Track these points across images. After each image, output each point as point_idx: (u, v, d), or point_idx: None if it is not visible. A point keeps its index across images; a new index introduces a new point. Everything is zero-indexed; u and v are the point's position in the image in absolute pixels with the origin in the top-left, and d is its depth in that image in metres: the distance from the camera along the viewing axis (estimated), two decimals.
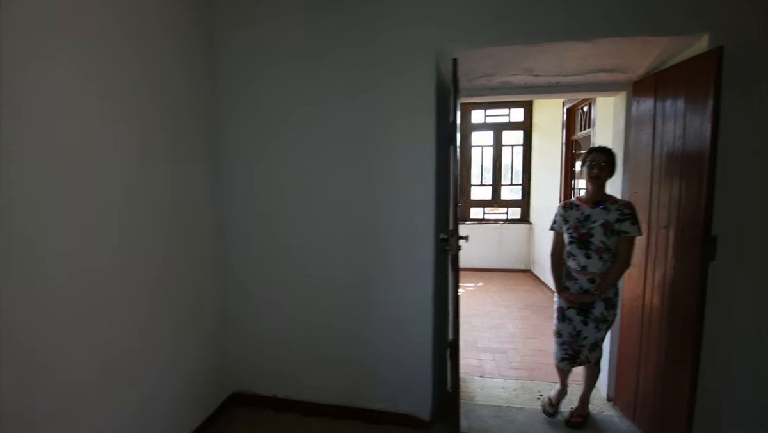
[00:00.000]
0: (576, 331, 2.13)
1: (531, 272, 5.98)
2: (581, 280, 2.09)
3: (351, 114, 2.11)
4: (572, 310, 2.12)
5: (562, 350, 2.20)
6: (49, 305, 1.32)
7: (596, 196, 2.06)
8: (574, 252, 2.09)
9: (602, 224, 2.01)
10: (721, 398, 1.95)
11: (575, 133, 4.44)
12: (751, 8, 1.77)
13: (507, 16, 1.92)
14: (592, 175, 2.02)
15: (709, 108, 1.72)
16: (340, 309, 2.25)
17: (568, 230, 2.11)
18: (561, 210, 2.17)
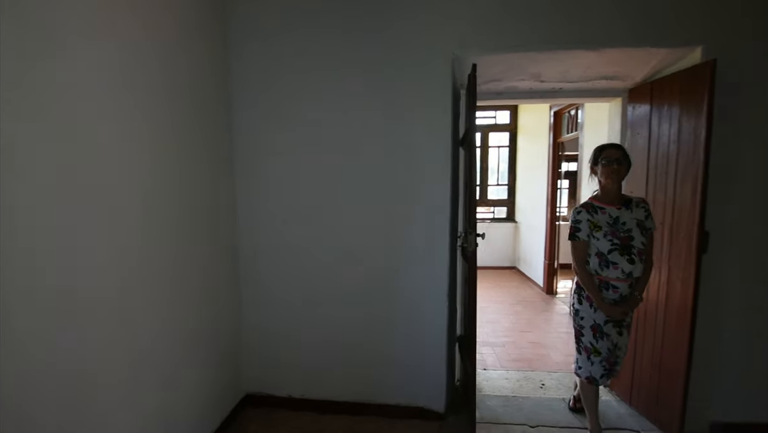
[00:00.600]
0: (613, 344, 1.95)
1: (516, 268, 6.20)
2: (623, 287, 1.90)
3: (372, 116, 2.16)
4: (610, 324, 1.93)
5: (601, 367, 1.97)
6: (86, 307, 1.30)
7: (618, 194, 1.93)
8: (615, 260, 1.86)
9: (637, 224, 1.88)
10: (710, 383, 2.13)
11: (562, 135, 4.65)
12: (740, 24, 1.96)
13: (524, 23, 2.04)
14: (613, 171, 1.87)
15: (704, 114, 1.89)
16: (357, 307, 2.29)
17: (605, 237, 1.87)
18: (586, 215, 1.91)
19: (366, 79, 2.14)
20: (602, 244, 1.88)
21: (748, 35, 1.96)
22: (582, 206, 1.96)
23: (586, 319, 1.98)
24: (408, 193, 2.19)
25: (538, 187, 5.18)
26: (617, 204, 1.91)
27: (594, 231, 1.89)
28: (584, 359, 2.01)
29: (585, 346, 2.00)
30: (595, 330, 1.96)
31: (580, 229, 1.92)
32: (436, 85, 2.11)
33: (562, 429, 2.24)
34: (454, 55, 2.08)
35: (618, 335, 1.95)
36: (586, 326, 1.98)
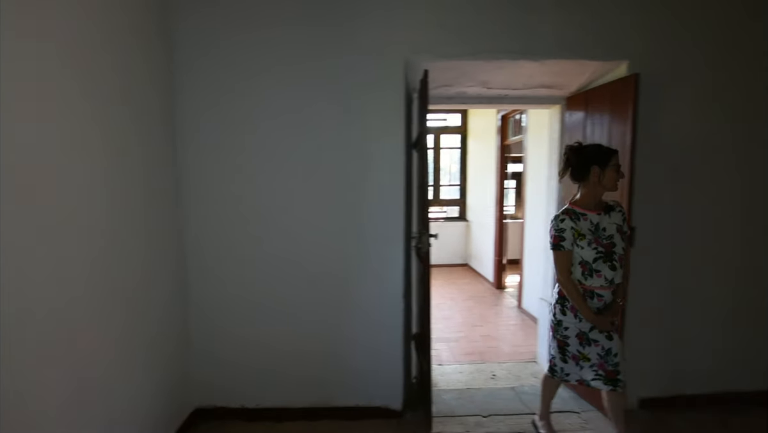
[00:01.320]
0: (605, 350, 1.86)
1: (468, 265, 6.45)
2: (606, 295, 1.85)
3: (326, 118, 2.15)
4: (595, 330, 1.85)
5: (592, 371, 1.89)
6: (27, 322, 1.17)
7: (601, 200, 1.86)
8: (599, 268, 1.79)
9: (616, 229, 1.83)
10: (638, 363, 2.36)
11: (508, 138, 4.91)
12: (658, 43, 2.21)
13: (474, 34, 2.13)
14: (619, 178, 1.82)
15: (629, 121, 2.10)
16: (311, 310, 2.26)
17: (589, 245, 1.79)
18: (569, 222, 1.81)
19: (321, 82, 2.13)
20: (587, 253, 1.79)
21: (667, 52, 2.21)
22: (564, 213, 1.84)
23: (570, 329, 1.89)
24: (362, 195, 2.20)
25: (488, 188, 5.42)
26: (598, 210, 1.84)
27: (578, 240, 1.80)
28: (573, 366, 1.94)
29: (572, 354, 1.91)
30: (581, 338, 1.88)
31: (565, 238, 1.81)
32: (390, 90, 2.15)
33: (513, 416, 2.38)
34: (407, 61, 2.13)
35: (608, 340, 1.85)
36: (572, 336, 1.89)
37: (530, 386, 2.73)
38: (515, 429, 2.25)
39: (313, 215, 2.21)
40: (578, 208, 1.84)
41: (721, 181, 2.32)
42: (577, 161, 1.83)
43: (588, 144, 1.88)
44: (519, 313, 4.28)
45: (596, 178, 1.80)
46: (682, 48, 2.22)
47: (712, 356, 2.43)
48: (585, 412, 2.39)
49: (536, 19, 2.15)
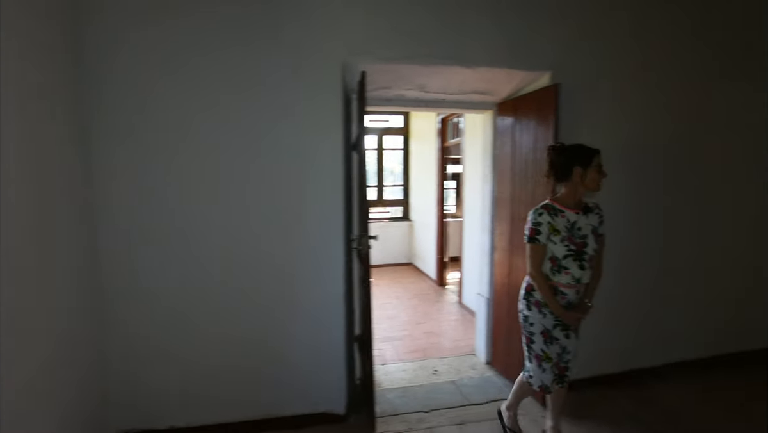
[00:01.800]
0: (561, 348, 1.92)
1: (412, 264, 6.59)
2: (570, 294, 1.87)
3: (263, 118, 2.06)
4: (558, 328, 1.89)
5: (552, 373, 1.93)
6: None
7: (581, 199, 1.87)
8: (568, 265, 1.82)
9: (591, 230, 1.85)
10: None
11: (447, 140, 5.10)
12: (576, 56, 2.42)
13: (410, 38, 2.17)
14: (604, 177, 1.84)
15: (552, 127, 2.28)
16: (247, 320, 2.16)
17: (562, 241, 1.80)
18: (547, 217, 1.82)
19: (255, 83, 2.04)
20: (558, 249, 1.81)
21: (584, 64, 2.44)
22: (543, 208, 1.84)
23: (536, 325, 1.91)
24: (300, 198, 2.15)
25: (429, 188, 5.59)
26: (577, 209, 1.85)
27: (552, 235, 1.81)
28: (535, 368, 1.95)
29: (536, 353, 1.94)
30: (545, 335, 1.90)
31: (541, 232, 1.82)
32: (328, 91, 2.12)
33: (453, 409, 2.47)
34: (344, 62, 2.12)
35: (566, 338, 1.90)
36: (537, 333, 1.91)
37: (469, 378, 2.86)
38: (455, 421, 2.34)
39: (248, 219, 2.11)
40: (558, 204, 1.85)
41: (635, 178, 2.61)
42: (560, 162, 1.84)
43: (570, 144, 1.88)
44: (459, 308, 4.46)
45: (579, 179, 1.81)
46: (596, 60, 2.46)
47: (624, 338, 2.72)
48: None
49: (468, 28, 2.24)
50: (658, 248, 2.74)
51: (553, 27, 2.37)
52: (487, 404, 2.52)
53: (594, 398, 2.55)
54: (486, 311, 3.01)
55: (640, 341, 2.78)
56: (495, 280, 2.91)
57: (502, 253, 2.79)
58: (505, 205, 2.75)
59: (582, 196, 1.87)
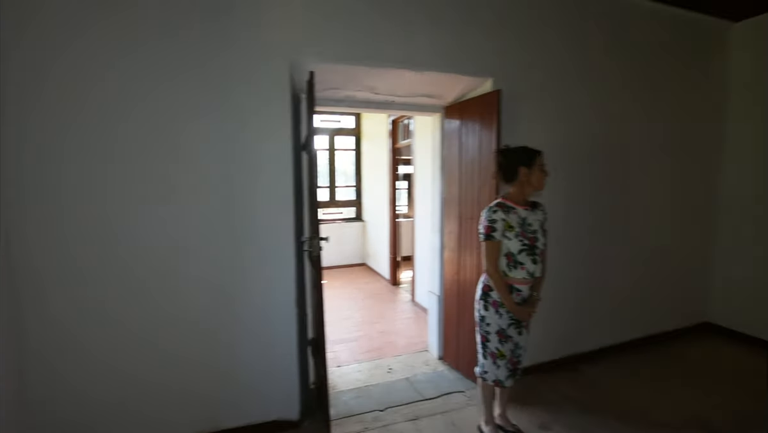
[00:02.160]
0: (515, 344, 2.01)
1: (366, 264, 6.62)
2: (525, 290, 1.96)
3: (209, 119, 1.96)
4: (512, 327, 1.97)
5: (506, 369, 2.02)
6: None
7: (527, 197, 1.98)
8: (522, 260, 1.90)
9: (540, 225, 1.98)
10: None
11: (398, 141, 5.18)
12: (516, 66, 2.58)
13: (362, 40, 2.19)
14: (545, 177, 1.95)
15: (494, 131, 2.40)
16: (192, 329, 2.04)
17: (516, 237, 1.89)
18: (501, 214, 1.90)
19: (201, 81, 1.93)
20: (513, 244, 1.89)
21: (523, 72, 2.60)
22: (497, 206, 1.93)
23: (492, 325, 1.99)
24: (248, 200, 2.07)
25: (381, 189, 5.64)
26: (526, 206, 1.96)
27: (507, 231, 1.89)
28: (490, 364, 2.04)
29: (491, 351, 2.02)
30: (500, 335, 1.98)
31: (496, 229, 1.90)
32: (276, 90, 2.06)
33: (408, 405, 2.52)
34: (293, 62, 2.08)
35: (519, 335, 2.00)
36: (492, 332, 2.00)
37: (422, 374, 2.93)
38: (409, 417, 2.39)
39: (193, 224, 1.99)
40: (509, 202, 1.95)
41: (570, 177, 2.83)
42: (506, 163, 1.95)
43: (515, 147, 1.98)
44: (413, 306, 4.55)
45: (525, 178, 1.92)
46: (533, 69, 2.64)
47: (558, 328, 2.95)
48: (469, 390, 2.66)
49: (415, 33, 2.30)
50: (588, 241, 3.00)
51: (494, 37, 2.50)
52: (439, 397, 2.60)
53: (536, 384, 2.74)
54: (437, 308, 3.11)
55: (576, 328, 3.02)
56: (445, 278, 3.01)
57: (451, 251, 2.89)
58: (453, 205, 2.85)
59: (528, 195, 1.98)
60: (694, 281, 3.55)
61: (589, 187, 2.95)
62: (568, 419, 2.36)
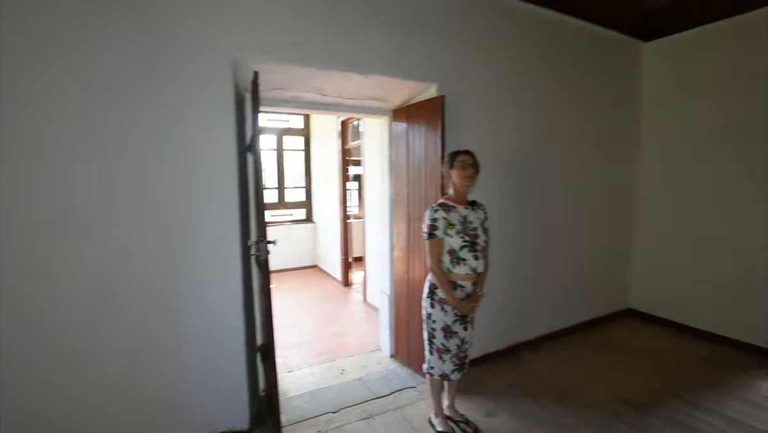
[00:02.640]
0: (461, 340, 2.10)
1: (318, 266, 6.54)
2: (468, 286, 2.06)
3: (147, 119, 1.84)
4: (457, 323, 2.06)
5: (452, 363, 2.11)
6: None
7: (466, 196, 2.09)
8: (464, 256, 2.00)
9: (480, 223, 2.07)
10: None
11: (348, 142, 5.18)
12: (457, 73, 2.70)
13: (308, 42, 2.17)
14: (467, 175, 2.01)
15: (439, 134, 2.50)
16: (127, 339, 1.90)
17: (458, 234, 1.99)
18: (442, 213, 2.00)
19: (140, 75, 1.81)
20: (455, 241, 1.99)
21: (465, 79, 2.73)
22: (438, 205, 2.03)
23: (437, 322, 2.08)
24: (190, 204, 1.97)
25: (332, 190, 5.61)
26: (465, 204, 2.07)
27: (448, 229, 1.99)
28: (436, 359, 2.13)
29: (437, 347, 2.11)
30: (446, 331, 2.07)
31: (437, 227, 1.99)
32: (219, 89, 1.98)
33: (361, 404, 2.54)
34: (236, 60, 2.01)
35: (464, 331, 2.09)
36: (438, 329, 2.09)
37: (375, 372, 2.97)
38: (362, 416, 2.41)
39: (132, 227, 1.86)
40: (450, 201, 2.06)
41: (510, 179, 3.02)
42: (442, 166, 2.13)
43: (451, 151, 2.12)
44: (365, 306, 4.58)
45: (448, 177, 2.07)
46: (476, 77, 2.79)
47: (501, 319, 3.14)
48: (420, 385, 2.74)
49: (363, 37, 2.33)
50: (528, 240, 3.22)
51: (439, 45, 2.61)
52: (391, 394, 2.65)
53: (482, 375, 2.89)
54: (389, 307, 3.16)
55: (518, 319, 3.23)
56: (396, 277, 3.07)
57: (400, 251, 2.96)
58: (402, 206, 2.92)
59: (464, 194, 2.09)
60: (618, 272, 3.95)
61: (528, 188, 3.18)
62: (512, 405, 2.52)
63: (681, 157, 3.59)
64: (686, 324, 3.58)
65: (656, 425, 2.30)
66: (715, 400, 2.53)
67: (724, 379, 2.79)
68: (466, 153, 2.06)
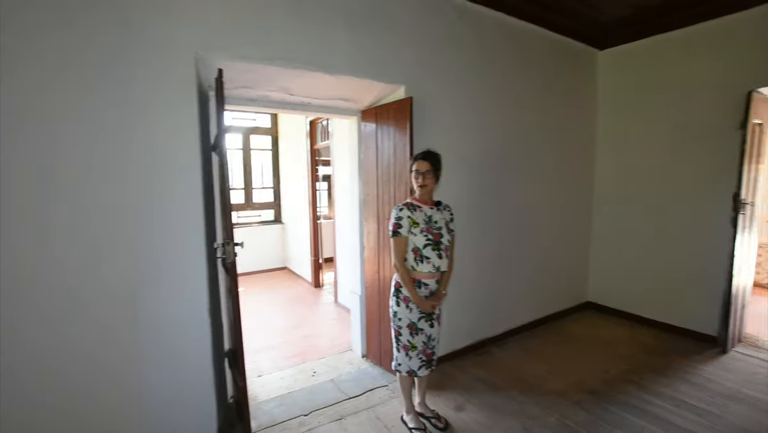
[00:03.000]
0: (427, 337, 2.15)
1: (288, 268, 6.43)
2: (431, 284, 2.11)
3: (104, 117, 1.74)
4: (422, 319, 2.11)
5: (418, 360, 2.15)
6: None
7: (431, 197, 2.15)
8: (428, 255, 2.05)
9: (445, 223, 2.13)
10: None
11: (317, 142, 5.13)
12: (427, 76, 2.75)
13: (272, 40, 2.12)
14: (420, 184, 2.07)
15: (408, 135, 2.54)
16: (85, 349, 1.79)
17: (422, 233, 2.04)
18: (407, 212, 2.05)
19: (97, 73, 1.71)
20: (419, 239, 2.04)
21: (433, 81, 2.79)
22: (403, 204, 2.09)
23: (403, 319, 2.13)
24: (150, 206, 1.88)
25: (301, 190, 5.53)
26: (431, 204, 2.14)
27: (412, 227, 2.04)
28: (403, 356, 2.18)
29: (403, 344, 2.16)
30: (411, 328, 2.12)
31: (402, 225, 2.03)
32: (180, 86, 1.90)
33: (333, 406, 2.53)
34: (199, 57, 1.94)
35: (430, 328, 2.15)
36: (404, 326, 2.14)
37: (347, 373, 2.96)
38: (334, 418, 2.40)
39: (89, 234, 1.75)
40: (415, 201, 2.12)
41: (477, 179, 3.09)
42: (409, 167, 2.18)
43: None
44: (336, 307, 4.56)
45: (408, 180, 2.16)
46: (443, 80, 2.85)
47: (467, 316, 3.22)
48: (392, 384, 2.76)
49: (332, 37, 2.33)
50: (495, 240, 3.32)
51: (408, 47, 2.65)
52: (363, 394, 2.66)
53: (451, 370, 2.95)
54: (360, 307, 3.17)
55: (486, 315, 3.33)
56: (366, 277, 3.08)
57: (371, 251, 2.97)
58: (371, 206, 2.94)
59: (429, 195, 2.15)
60: (578, 268, 4.15)
61: (493, 188, 3.28)
62: (480, 399, 2.60)
63: (632, 159, 3.82)
64: (641, 315, 3.82)
65: (614, 410, 2.44)
66: (666, 384, 2.72)
67: (673, 364, 3.01)
68: (423, 159, 2.07)
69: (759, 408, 2.43)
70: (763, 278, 4.93)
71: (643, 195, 3.76)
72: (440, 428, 2.29)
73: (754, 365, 2.96)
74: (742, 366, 2.95)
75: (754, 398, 2.53)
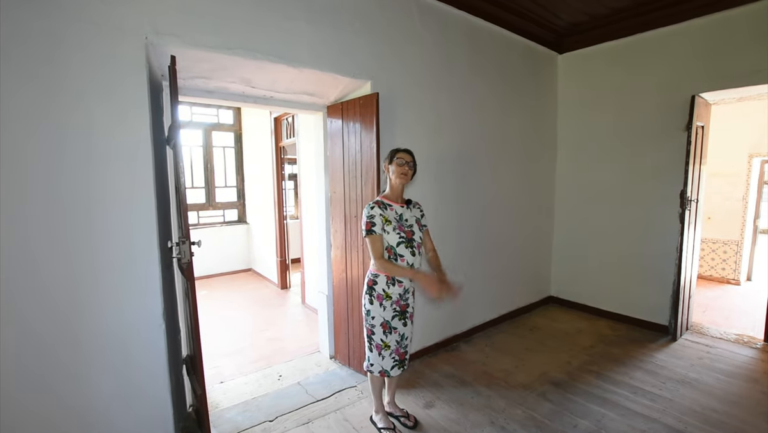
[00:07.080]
0: (401, 336, 2.12)
1: (253, 269, 6.22)
2: (405, 281, 2.09)
3: (37, 101, 1.57)
4: (396, 318, 2.09)
5: (391, 359, 2.11)
6: None
7: (402, 194, 2.13)
8: (402, 252, 2.03)
9: (416, 220, 2.13)
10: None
11: (282, 140, 4.99)
12: (394, 71, 2.73)
13: (230, 27, 2.01)
14: (403, 172, 2.05)
15: (374, 131, 2.50)
16: (20, 361, 1.63)
17: (394, 230, 2.03)
18: (378, 210, 2.03)
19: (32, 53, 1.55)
20: (392, 237, 2.02)
21: (399, 79, 2.77)
22: (374, 203, 2.05)
23: (376, 318, 2.07)
24: (96, 202, 1.73)
25: (266, 189, 5.36)
26: (401, 203, 2.12)
27: (385, 225, 2.01)
28: (375, 356, 2.12)
29: (376, 343, 2.10)
30: (384, 327, 2.07)
31: (375, 223, 2.00)
32: (128, 73, 1.76)
33: (299, 410, 2.44)
34: (149, 42, 1.80)
35: (404, 326, 2.11)
36: (377, 325, 2.08)
37: (314, 375, 2.89)
38: (301, 421, 2.32)
39: (22, 232, 1.57)
40: (386, 200, 2.09)
41: (445, 177, 3.10)
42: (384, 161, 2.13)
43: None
44: (303, 309, 4.44)
45: (387, 172, 2.10)
46: (409, 77, 2.84)
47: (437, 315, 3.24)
48: (361, 384, 2.71)
49: (295, 28, 2.25)
50: (462, 238, 3.35)
51: (374, 42, 2.62)
52: (331, 396, 2.59)
53: (421, 368, 2.95)
54: (327, 307, 3.09)
55: (453, 313, 3.35)
56: (334, 276, 3.02)
57: (338, 249, 2.91)
58: (338, 205, 2.87)
59: (400, 192, 2.13)
60: (541, 264, 4.28)
61: (459, 188, 3.31)
62: (449, 395, 2.60)
63: (588, 159, 4.00)
64: (599, 307, 4.00)
65: (576, 400, 2.52)
66: (623, 372, 2.85)
67: (630, 353, 3.16)
68: (406, 151, 2.10)
69: (703, 390, 2.59)
70: (705, 270, 5.32)
71: (600, 195, 3.94)
72: (409, 426, 2.27)
73: (700, 350, 3.17)
74: (690, 352, 3.15)
75: (699, 381, 2.70)
